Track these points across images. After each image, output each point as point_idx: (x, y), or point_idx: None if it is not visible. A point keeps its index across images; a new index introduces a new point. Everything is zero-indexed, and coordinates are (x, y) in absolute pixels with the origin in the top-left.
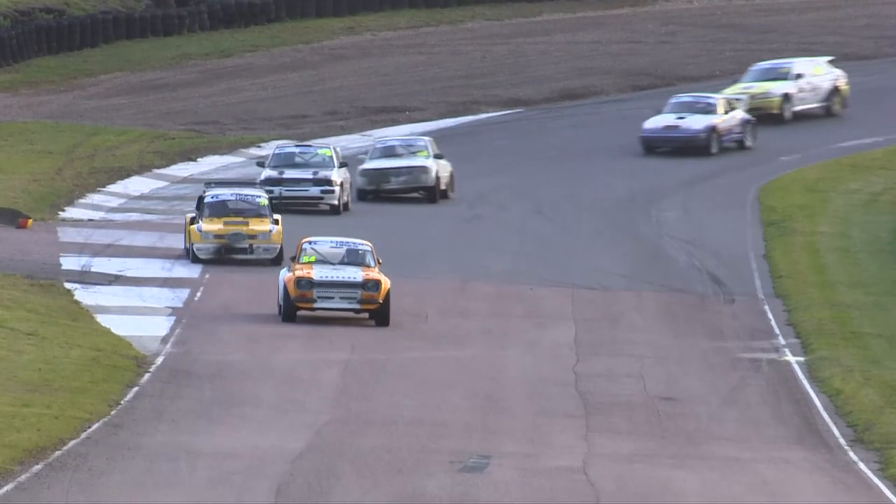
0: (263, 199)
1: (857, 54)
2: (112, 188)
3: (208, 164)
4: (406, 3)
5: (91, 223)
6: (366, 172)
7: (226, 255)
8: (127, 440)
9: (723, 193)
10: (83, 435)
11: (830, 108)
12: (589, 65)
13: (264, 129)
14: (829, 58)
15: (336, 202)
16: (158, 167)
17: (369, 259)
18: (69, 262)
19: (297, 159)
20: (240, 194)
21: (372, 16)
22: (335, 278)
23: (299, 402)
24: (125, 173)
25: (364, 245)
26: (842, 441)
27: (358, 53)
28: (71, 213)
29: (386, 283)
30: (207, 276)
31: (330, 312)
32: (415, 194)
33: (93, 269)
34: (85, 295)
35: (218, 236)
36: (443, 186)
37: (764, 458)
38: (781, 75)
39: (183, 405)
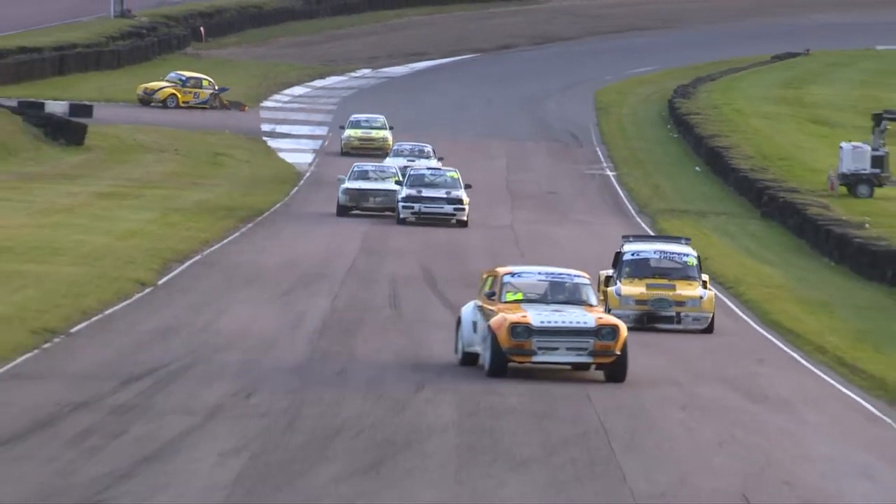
0: (692, 259)
1: None
2: (285, 92)
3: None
4: None
5: (274, 109)
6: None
7: (648, 323)
8: (292, 210)
9: (578, 95)
10: (273, 207)
11: None
12: None
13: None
14: None
15: (465, 218)
16: (306, 82)
17: (590, 296)
18: (265, 127)
19: (428, 180)
20: (665, 252)
21: None
22: (559, 323)
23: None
24: (289, 85)
25: (581, 276)
26: (633, 212)
27: None
28: (266, 104)
29: (623, 329)
30: (330, 133)
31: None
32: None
33: (276, 130)
34: (271, 143)
35: (640, 302)
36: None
37: (598, 222)
38: None
39: (322, 194)
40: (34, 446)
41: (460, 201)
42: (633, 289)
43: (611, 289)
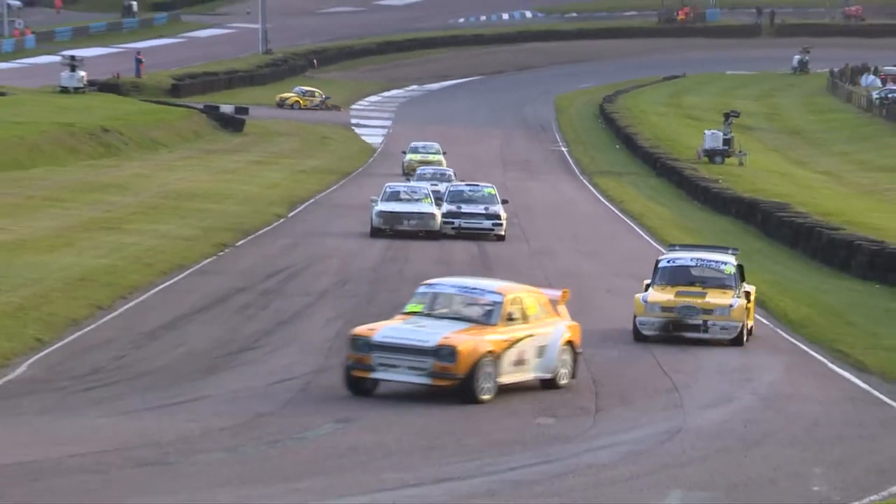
0: (730, 268)
1: None
2: (365, 100)
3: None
4: None
5: (358, 109)
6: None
7: (674, 331)
8: (369, 171)
9: (544, 101)
10: (358, 170)
11: None
12: None
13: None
14: None
15: (503, 233)
16: (378, 93)
17: (493, 314)
18: (353, 120)
19: (467, 195)
20: (702, 259)
21: None
22: (400, 340)
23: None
24: (368, 95)
25: (493, 294)
26: (578, 173)
27: None
28: (354, 107)
29: (469, 352)
30: (394, 125)
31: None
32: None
33: (360, 123)
34: (357, 130)
35: (666, 309)
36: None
37: (556, 179)
38: None
39: (387, 164)
40: (214, 314)
41: (498, 217)
42: (660, 296)
43: (638, 295)
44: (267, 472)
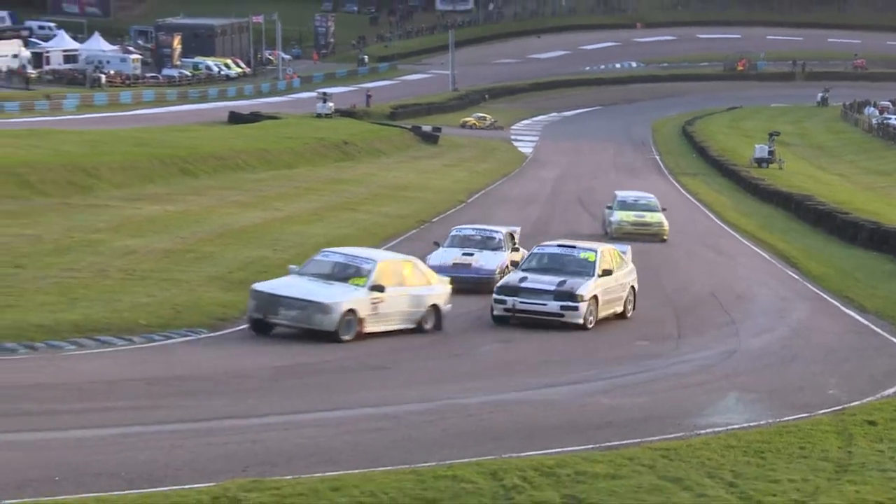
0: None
1: None
2: (520, 123)
3: (541, 118)
4: None
5: (516, 129)
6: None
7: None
8: (522, 173)
9: (644, 124)
10: (514, 171)
11: None
12: None
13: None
14: None
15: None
16: (529, 118)
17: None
18: (511, 136)
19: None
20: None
21: None
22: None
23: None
24: (522, 120)
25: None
26: (667, 174)
27: None
28: (513, 127)
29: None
30: (540, 139)
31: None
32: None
33: (518, 138)
34: (515, 143)
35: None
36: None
37: (652, 178)
38: None
39: (535, 166)
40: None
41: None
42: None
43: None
44: (450, 374)
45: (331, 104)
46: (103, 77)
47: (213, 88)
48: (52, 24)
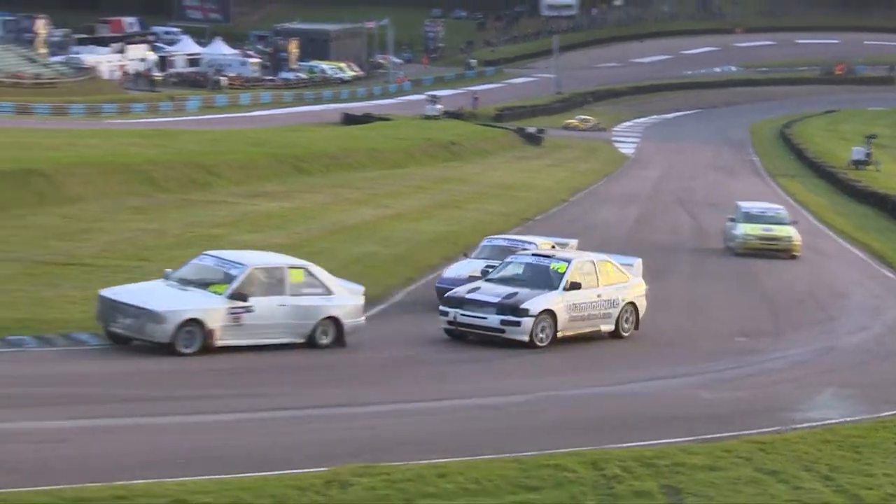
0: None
1: None
2: (622, 125)
3: (641, 120)
4: None
5: (617, 131)
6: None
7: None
8: (622, 172)
9: (742, 127)
10: (616, 171)
11: None
12: None
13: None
14: None
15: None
16: (630, 120)
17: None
18: (613, 137)
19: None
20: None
21: None
22: None
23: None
24: (624, 122)
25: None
26: (765, 175)
27: None
28: (615, 129)
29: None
30: (642, 141)
31: None
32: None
33: (620, 140)
34: (616, 144)
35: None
36: None
37: (750, 179)
38: None
39: (637, 167)
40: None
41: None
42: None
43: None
44: (545, 369)
45: (439, 106)
46: (224, 80)
47: (328, 91)
48: (176, 30)
